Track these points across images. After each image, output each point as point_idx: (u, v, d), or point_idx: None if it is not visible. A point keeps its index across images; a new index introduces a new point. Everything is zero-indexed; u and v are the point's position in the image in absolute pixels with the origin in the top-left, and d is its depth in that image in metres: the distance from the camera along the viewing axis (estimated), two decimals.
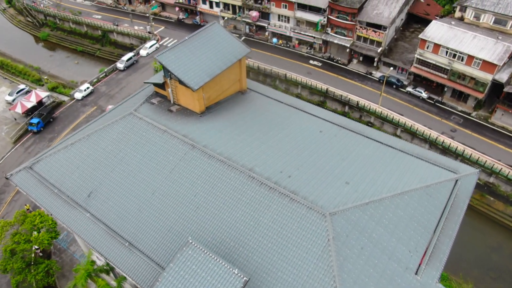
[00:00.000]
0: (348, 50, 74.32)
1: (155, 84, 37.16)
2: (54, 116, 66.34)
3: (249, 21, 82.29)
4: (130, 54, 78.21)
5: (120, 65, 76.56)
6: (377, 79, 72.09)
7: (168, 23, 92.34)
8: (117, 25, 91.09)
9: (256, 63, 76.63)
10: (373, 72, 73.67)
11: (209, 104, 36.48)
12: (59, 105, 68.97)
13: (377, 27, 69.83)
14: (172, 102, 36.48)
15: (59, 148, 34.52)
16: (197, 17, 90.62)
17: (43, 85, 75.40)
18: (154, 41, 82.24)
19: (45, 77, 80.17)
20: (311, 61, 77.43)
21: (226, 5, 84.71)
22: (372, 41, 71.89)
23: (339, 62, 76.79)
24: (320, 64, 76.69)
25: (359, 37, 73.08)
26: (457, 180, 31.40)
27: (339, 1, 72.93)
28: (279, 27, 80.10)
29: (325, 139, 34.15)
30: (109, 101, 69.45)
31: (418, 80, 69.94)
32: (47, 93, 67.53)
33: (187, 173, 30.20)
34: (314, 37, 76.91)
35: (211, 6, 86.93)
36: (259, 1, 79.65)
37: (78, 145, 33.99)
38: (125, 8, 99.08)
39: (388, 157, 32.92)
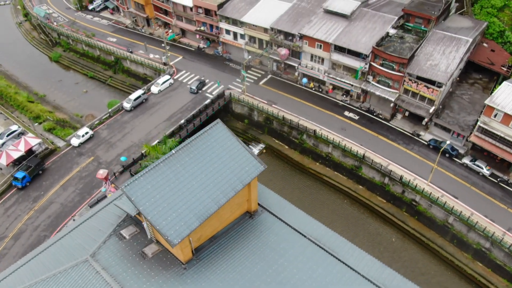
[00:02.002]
0: (392, 104, 62.03)
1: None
2: (45, 167, 57.70)
3: (277, 58, 71.19)
4: (139, 92, 68.83)
5: (126, 104, 67.32)
6: (426, 143, 59.54)
7: (187, 51, 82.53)
8: (131, 52, 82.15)
9: (281, 112, 65.57)
10: (421, 133, 61.09)
11: (201, 243, 25.92)
12: (52, 152, 60.36)
13: (431, 82, 57.29)
14: (149, 237, 26.12)
15: None
16: (219, 48, 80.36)
17: (41, 123, 67.16)
18: (167, 76, 72.55)
19: (45, 113, 72.04)
20: (346, 112, 65.59)
21: (252, 38, 73.97)
22: (422, 97, 59.36)
23: (380, 116, 64.57)
24: (357, 117, 64.73)
25: (406, 91, 60.68)
26: None
27: (384, 45, 60.83)
28: (311, 69, 68.62)
29: None
30: (108, 151, 60.24)
31: (478, 150, 56.93)
32: (38, 140, 59.05)
33: None
34: (352, 85, 64.98)
35: (235, 38, 76.41)
36: (290, 38, 68.39)
37: None
38: (143, 30, 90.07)
39: None
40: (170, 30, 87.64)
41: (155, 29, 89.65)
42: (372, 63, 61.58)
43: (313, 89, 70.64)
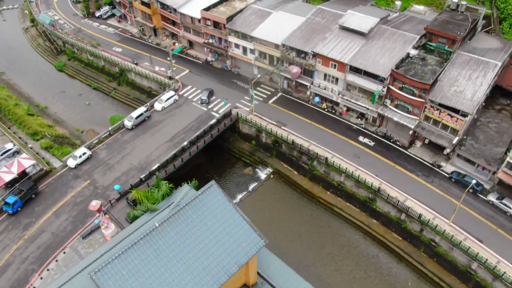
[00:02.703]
0: (411, 132, 57.31)
1: None
2: (38, 190, 54.46)
3: (288, 76, 66.94)
4: (141, 110, 65.25)
5: (128, 123, 63.80)
6: (448, 175, 54.71)
7: (194, 64, 78.78)
8: (136, 64, 78.75)
9: (290, 135, 61.35)
10: (443, 164, 56.25)
11: None
12: (47, 174, 57.12)
13: (455, 111, 52.48)
14: None
15: None
16: (228, 62, 76.41)
17: (38, 140, 64.03)
18: (172, 92, 68.84)
19: (44, 128, 69.03)
20: (361, 138, 61.04)
21: (262, 54, 69.82)
22: (445, 126, 54.56)
23: (397, 143, 59.88)
24: (372, 143, 60.14)
25: (427, 118, 55.92)
26: None
27: (404, 68, 56.19)
28: (324, 89, 64.21)
29: None
30: (106, 174, 56.74)
31: (506, 186, 51.94)
32: (32, 162, 55.82)
33: None
34: (368, 109, 60.41)
35: (244, 52, 72.37)
36: (302, 56, 64.08)
37: None
38: (150, 40, 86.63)
39: None
40: (178, 41, 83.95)
41: (162, 39, 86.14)
42: (391, 87, 56.96)
43: (326, 109, 66.22)
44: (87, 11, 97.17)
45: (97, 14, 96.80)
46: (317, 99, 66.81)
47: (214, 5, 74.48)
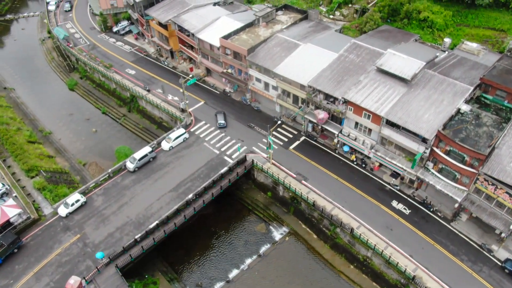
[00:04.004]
0: (457, 205, 47.77)
1: None
2: (22, 243, 48.44)
3: (314, 120, 58.46)
4: (145, 150, 58.33)
5: (130, 165, 57.07)
6: (500, 264, 44.89)
7: (210, 95, 71.37)
8: (148, 90, 72.19)
9: (312, 193, 52.91)
10: (494, 247, 46.43)
11: None
12: (35, 222, 51.04)
13: None
14: None
15: None
16: (247, 95, 68.57)
17: (33, 177, 58.23)
18: (182, 130, 61.59)
19: (44, 159, 63.52)
20: (394, 203, 51.87)
21: (285, 92, 61.58)
22: (501, 204, 44.76)
23: (439, 213, 50.38)
24: (408, 211, 50.88)
25: (479, 190, 46.22)
26: None
27: (453, 127, 46.73)
28: (355, 140, 55.36)
29: None
30: (98, 228, 50.15)
31: None
32: (18, 211, 49.81)
33: None
34: (405, 170, 51.17)
35: (266, 88, 64.36)
36: (331, 100, 55.46)
37: None
38: (166, 63, 79.91)
39: None
40: (195, 66, 76.80)
41: (179, 62, 79.23)
42: (435, 149, 47.58)
43: (355, 162, 57.36)
44: (104, 25, 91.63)
45: (115, 29, 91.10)
46: (346, 148, 58.03)
47: (236, 32, 66.73)
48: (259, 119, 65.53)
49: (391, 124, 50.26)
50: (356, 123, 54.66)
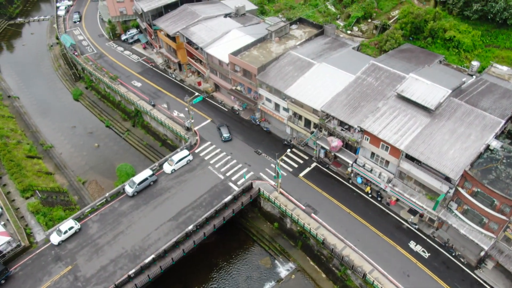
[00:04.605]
0: (483, 252, 43.00)
1: None
2: (10, 273, 45.52)
3: (326, 147, 54.23)
4: (145, 173, 54.88)
5: (129, 189, 53.74)
6: None
7: (218, 112, 67.65)
8: (153, 105, 68.90)
9: (321, 229, 48.71)
10: None
11: None
12: (25, 250, 48.06)
13: None
14: None
15: None
16: (257, 114, 64.62)
17: (28, 198, 55.41)
18: (186, 152, 58.00)
19: (42, 176, 60.76)
20: (412, 244, 47.29)
21: (297, 114, 57.46)
22: None
23: (462, 259, 45.61)
24: (427, 254, 46.25)
25: (508, 239, 41.41)
26: None
27: (481, 166, 41.97)
28: (370, 171, 50.93)
29: None
30: (91, 259, 46.91)
31: None
32: (7, 239, 46.92)
33: None
34: (425, 209, 46.53)
35: (276, 108, 60.36)
36: (346, 127, 51.14)
37: None
38: (173, 75, 76.51)
39: None
40: (204, 80, 73.20)
41: (187, 75, 75.74)
42: (460, 189, 42.91)
43: (370, 194, 52.91)
44: (113, 33, 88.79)
45: (123, 37, 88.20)
46: (359, 179, 53.66)
47: (247, 48, 62.82)
48: (268, 141, 61.57)
49: (411, 158, 45.71)
50: (373, 153, 50.24)
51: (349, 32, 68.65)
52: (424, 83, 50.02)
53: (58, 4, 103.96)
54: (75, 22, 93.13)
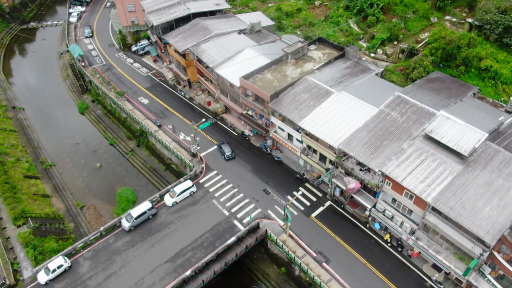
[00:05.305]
0: None
1: None
2: None
3: (343, 187, 49.02)
4: (145, 206, 50.69)
5: (125, 223, 49.69)
6: None
7: (227, 136, 63.10)
8: (159, 126, 64.86)
9: (333, 282, 43.52)
10: None
11: None
12: None
13: None
14: None
15: None
16: (268, 142, 59.78)
17: (19, 226, 52.00)
18: (189, 183, 53.61)
19: (38, 199, 57.48)
20: None
21: (311, 147, 52.37)
22: None
23: None
24: None
25: None
26: None
27: None
28: (391, 219, 45.49)
29: None
30: None
31: None
32: None
33: None
34: (453, 270, 40.87)
35: (289, 139, 55.42)
36: (366, 168, 45.82)
37: None
38: (183, 92, 72.32)
39: None
40: (214, 100, 68.76)
41: (197, 93, 71.42)
42: (495, 253, 37.18)
43: (389, 243, 47.45)
44: (123, 43, 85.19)
45: (134, 48, 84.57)
46: (377, 225, 48.29)
47: (260, 70, 58.06)
48: (279, 172, 56.69)
49: (439, 212, 40.13)
50: (394, 199, 44.81)
51: (372, 55, 63.09)
52: (457, 123, 44.37)
53: (70, 10, 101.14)
54: (86, 37, 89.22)
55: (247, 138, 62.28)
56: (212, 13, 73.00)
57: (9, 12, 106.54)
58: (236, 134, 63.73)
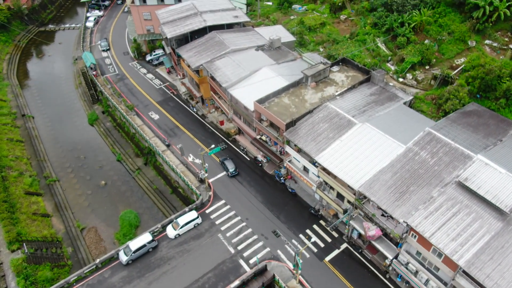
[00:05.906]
0: None
1: None
2: None
3: (361, 231, 44.12)
4: (144, 239, 46.95)
5: (123, 256, 46.11)
6: None
7: (239, 161, 58.94)
8: (168, 145, 61.28)
9: None
10: None
11: None
12: None
13: None
14: None
15: None
16: (282, 170, 55.27)
17: (14, 251, 49.14)
18: (194, 214, 49.65)
19: (37, 220, 54.66)
20: None
21: (329, 184, 47.56)
22: None
23: None
24: None
25: None
26: None
27: None
28: (415, 274, 40.33)
29: None
30: None
31: None
32: None
33: None
34: None
35: (304, 171, 50.73)
36: (388, 216, 40.78)
37: None
38: (195, 109, 68.53)
39: None
40: (228, 120, 64.73)
41: (210, 111, 67.45)
42: None
43: None
44: (138, 52, 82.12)
45: (148, 58, 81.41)
46: (399, 277, 43.14)
47: (277, 93, 53.60)
48: (293, 205, 52.16)
49: (471, 277, 34.83)
50: (418, 252, 39.65)
51: (401, 80, 57.68)
52: (497, 171, 38.83)
53: (88, 14, 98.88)
54: (103, 50, 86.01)
55: (260, 165, 57.93)
56: (229, 26, 68.88)
57: (27, 14, 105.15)
58: (248, 159, 59.44)
